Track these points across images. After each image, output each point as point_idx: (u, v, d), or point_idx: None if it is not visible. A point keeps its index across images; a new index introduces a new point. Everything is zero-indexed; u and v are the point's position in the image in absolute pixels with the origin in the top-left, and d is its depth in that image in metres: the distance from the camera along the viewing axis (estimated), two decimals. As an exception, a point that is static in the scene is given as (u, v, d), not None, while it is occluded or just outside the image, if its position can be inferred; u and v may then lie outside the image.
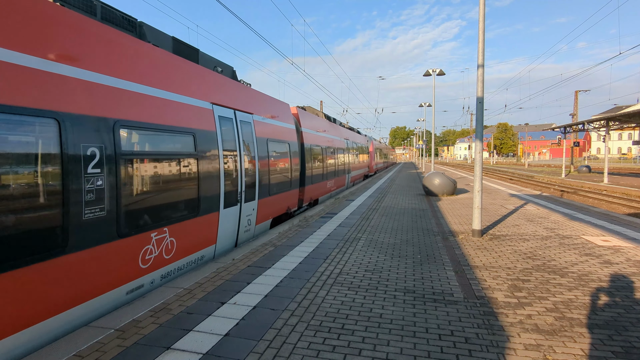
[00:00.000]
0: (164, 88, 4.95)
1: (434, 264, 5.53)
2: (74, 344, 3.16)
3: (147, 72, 4.65)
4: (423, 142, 47.42)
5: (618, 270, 5.16)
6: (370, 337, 3.30)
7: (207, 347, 3.10)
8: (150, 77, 4.71)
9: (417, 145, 71.66)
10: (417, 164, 64.78)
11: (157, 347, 3.12)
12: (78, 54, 3.67)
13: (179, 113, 5.19)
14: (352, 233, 7.68)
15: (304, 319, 3.66)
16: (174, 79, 5.23)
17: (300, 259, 5.77)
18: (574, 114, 46.93)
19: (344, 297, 4.23)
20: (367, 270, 5.23)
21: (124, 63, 4.28)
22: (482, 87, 7.23)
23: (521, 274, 5.04)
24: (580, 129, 31.08)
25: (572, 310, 3.86)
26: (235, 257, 5.85)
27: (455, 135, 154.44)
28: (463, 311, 3.85)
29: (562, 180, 28.25)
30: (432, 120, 28.00)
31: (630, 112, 22.34)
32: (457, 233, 7.66)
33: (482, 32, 7.18)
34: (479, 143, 7.34)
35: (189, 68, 5.71)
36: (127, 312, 3.79)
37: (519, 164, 72.84)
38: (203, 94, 5.94)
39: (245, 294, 4.30)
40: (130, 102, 4.26)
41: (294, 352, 3.04)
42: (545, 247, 6.48)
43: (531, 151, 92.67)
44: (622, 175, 32.43)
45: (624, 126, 27.81)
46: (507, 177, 34.65)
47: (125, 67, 4.29)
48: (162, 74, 4.99)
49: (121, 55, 4.26)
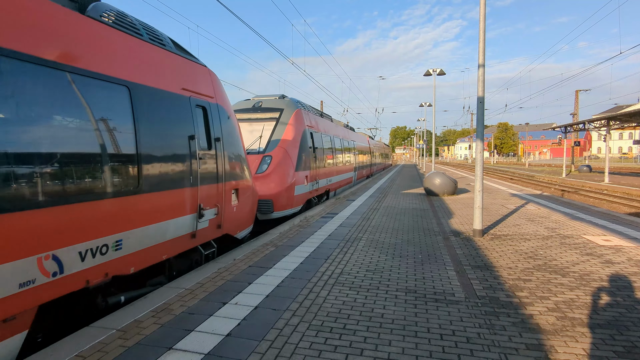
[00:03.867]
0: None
1: (435, 263, 5.53)
2: (75, 344, 3.17)
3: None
4: (423, 142, 47.42)
5: (619, 269, 5.15)
6: (371, 337, 3.30)
7: (208, 347, 3.10)
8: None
9: (417, 145, 71.69)
10: (418, 164, 64.41)
11: (159, 347, 3.12)
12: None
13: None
14: (353, 233, 7.68)
15: (305, 319, 3.66)
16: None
17: (302, 259, 5.77)
18: (574, 114, 46.91)
19: (346, 297, 4.24)
20: (368, 270, 5.23)
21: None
22: (482, 86, 7.23)
23: (522, 273, 5.04)
24: (580, 128, 31.06)
25: (574, 310, 3.86)
26: (237, 257, 5.85)
27: (455, 135, 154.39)
28: (464, 311, 3.85)
29: (563, 179, 28.22)
30: (433, 120, 27.99)
31: (631, 111, 22.32)
32: (458, 233, 7.66)
33: (482, 32, 7.18)
34: (479, 143, 7.33)
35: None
36: (129, 312, 3.80)
37: (519, 163, 72.81)
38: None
39: (246, 294, 4.30)
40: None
41: (296, 352, 3.04)
42: (547, 246, 6.48)
43: (532, 151, 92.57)
44: (622, 174, 32.39)
45: (625, 126, 27.79)
46: (507, 177, 34.62)
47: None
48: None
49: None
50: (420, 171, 37.16)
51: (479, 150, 7.38)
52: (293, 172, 10.18)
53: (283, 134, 10.43)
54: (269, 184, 9.41)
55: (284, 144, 10.20)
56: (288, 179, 9.94)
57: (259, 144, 10.16)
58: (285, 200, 9.79)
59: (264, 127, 10.50)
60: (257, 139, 10.26)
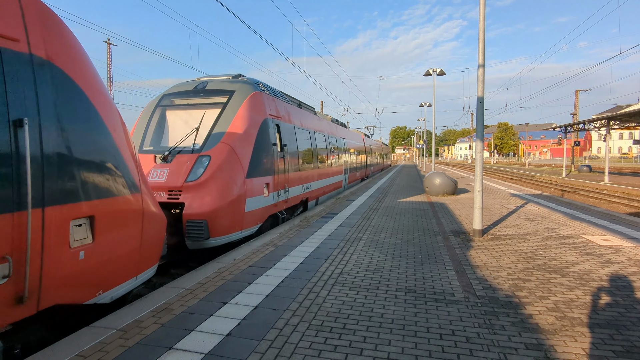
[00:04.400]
0: None
1: (435, 263, 5.54)
2: (76, 344, 3.18)
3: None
4: (424, 142, 47.44)
5: (619, 269, 5.16)
6: (371, 337, 3.31)
7: (209, 347, 3.11)
8: None
9: (417, 145, 71.66)
10: (418, 164, 64.37)
11: (160, 347, 3.13)
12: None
13: None
14: (353, 233, 7.68)
15: (305, 319, 3.67)
16: None
17: (302, 259, 5.78)
18: (574, 114, 46.93)
19: (345, 297, 4.24)
20: (368, 270, 5.24)
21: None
22: (482, 86, 7.24)
23: (522, 273, 5.05)
24: (580, 128, 31.06)
25: (573, 310, 3.86)
26: (237, 257, 5.86)
27: (455, 135, 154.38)
28: (464, 311, 3.85)
29: (563, 179, 28.22)
30: (433, 120, 28.00)
31: (631, 111, 22.32)
32: (458, 233, 7.67)
33: (482, 32, 7.19)
34: (479, 143, 7.34)
35: None
36: (129, 312, 3.81)
37: (519, 163, 72.79)
38: None
39: (246, 294, 4.31)
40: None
41: (296, 352, 3.05)
42: (546, 246, 6.49)
43: (532, 151, 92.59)
44: (622, 174, 32.40)
45: (625, 125, 27.78)
46: (507, 177, 34.63)
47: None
48: None
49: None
50: (420, 171, 37.14)
51: (479, 150, 7.39)
52: (243, 179, 7.15)
53: (230, 125, 7.34)
54: (202, 197, 6.49)
55: (230, 139, 7.15)
56: (234, 189, 6.93)
57: (194, 140, 7.14)
58: (228, 219, 6.80)
59: (204, 116, 7.50)
60: (191, 133, 7.23)
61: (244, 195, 7.18)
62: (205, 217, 6.41)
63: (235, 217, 6.99)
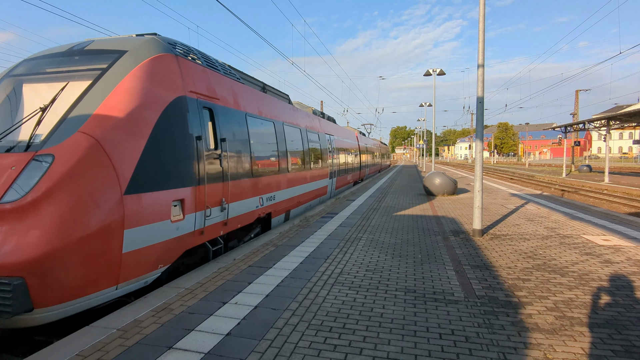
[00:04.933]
0: None
1: (435, 263, 5.54)
2: (76, 343, 3.18)
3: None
4: (424, 141, 47.46)
5: (618, 269, 5.16)
6: (371, 337, 3.31)
7: (208, 347, 3.12)
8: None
9: (417, 145, 71.69)
10: (418, 164, 64.34)
11: (159, 346, 3.13)
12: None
13: None
14: (353, 233, 7.69)
15: (305, 319, 3.67)
16: None
17: (301, 258, 5.79)
18: (574, 114, 46.91)
19: (345, 297, 4.25)
20: (367, 270, 5.24)
21: None
22: (482, 86, 7.24)
23: (522, 273, 5.05)
24: (581, 128, 31.06)
25: (573, 310, 3.87)
26: (237, 257, 5.87)
27: (455, 134, 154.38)
28: (464, 310, 3.86)
29: (563, 179, 28.23)
30: (433, 120, 28.02)
31: (631, 111, 22.33)
32: (458, 232, 7.67)
33: (482, 32, 7.19)
34: (479, 143, 7.35)
35: None
36: (129, 312, 3.81)
37: (519, 163, 72.81)
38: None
39: (246, 294, 4.31)
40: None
41: (295, 352, 3.05)
42: (546, 246, 6.49)
43: (532, 151, 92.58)
44: (623, 174, 32.40)
45: (625, 125, 27.78)
46: (507, 177, 34.63)
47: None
48: None
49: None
50: (420, 171, 37.14)
51: (479, 150, 7.39)
52: (118, 196, 4.09)
53: (101, 104, 4.38)
54: (24, 232, 3.48)
55: (98, 127, 4.18)
56: (93, 215, 3.86)
57: (34, 128, 4.20)
58: (76, 271, 3.72)
59: (64, 89, 4.58)
60: (30, 116, 4.37)
61: (119, 223, 4.08)
62: (21, 270, 3.38)
63: (95, 265, 3.89)
